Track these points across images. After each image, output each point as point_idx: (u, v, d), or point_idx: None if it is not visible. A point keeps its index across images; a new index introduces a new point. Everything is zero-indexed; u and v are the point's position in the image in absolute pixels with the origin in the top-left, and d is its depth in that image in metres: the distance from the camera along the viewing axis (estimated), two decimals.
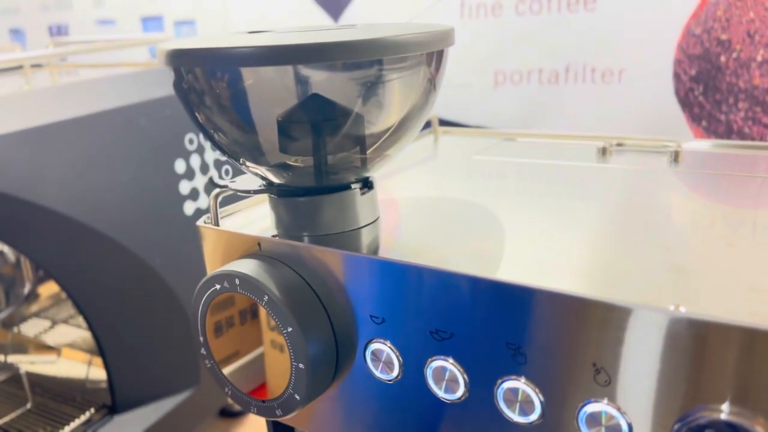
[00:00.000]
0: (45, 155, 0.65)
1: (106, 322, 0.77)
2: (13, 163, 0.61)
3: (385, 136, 0.40)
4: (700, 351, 0.28)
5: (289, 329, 0.37)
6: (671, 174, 0.51)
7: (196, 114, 0.39)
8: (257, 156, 0.40)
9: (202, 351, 0.43)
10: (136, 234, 0.75)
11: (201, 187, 0.84)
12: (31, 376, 0.92)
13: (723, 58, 0.85)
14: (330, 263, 0.38)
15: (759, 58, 0.82)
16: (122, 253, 0.74)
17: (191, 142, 0.82)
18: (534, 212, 0.44)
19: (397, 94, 0.40)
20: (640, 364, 0.29)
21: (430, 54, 0.39)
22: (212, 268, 0.46)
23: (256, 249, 0.42)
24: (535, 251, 0.37)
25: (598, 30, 0.93)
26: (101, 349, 0.77)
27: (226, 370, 0.43)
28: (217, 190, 0.44)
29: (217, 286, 0.40)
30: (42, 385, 0.92)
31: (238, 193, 0.44)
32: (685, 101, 0.88)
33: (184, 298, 0.81)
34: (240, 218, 0.47)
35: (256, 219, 0.46)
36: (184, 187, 0.82)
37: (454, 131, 0.70)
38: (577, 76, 0.96)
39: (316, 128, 0.39)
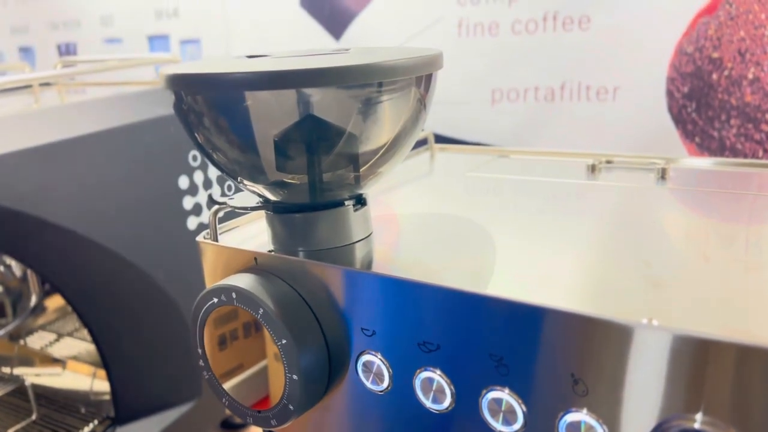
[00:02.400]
0: (52, 172, 0.67)
1: (110, 334, 0.78)
2: (21, 179, 0.63)
3: (377, 155, 0.42)
4: (674, 362, 0.29)
5: (284, 341, 0.39)
6: (658, 191, 0.52)
7: (196, 135, 0.41)
8: (254, 174, 0.41)
9: (201, 362, 0.45)
10: (140, 248, 0.77)
11: (204, 203, 0.86)
12: (36, 388, 0.94)
13: (715, 76, 0.86)
14: (323, 277, 0.40)
15: (750, 76, 0.84)
16: (126, 267, 0.76)
17: (194, 158, 0.84)
18: (523, 228, 0.46)
19: (389, 114, 0.41)
20: (616, 375, 0.31)
21: (419, 77, 0.41)
22: (211, 282, 0.47)
23: (253, 264, 0.43)
24: (521, 266, 0.38)
25: (593, 48, 0.95)
26: (105, 361, 0.79)
27: (230, 383, 0.45)
28: (216, 206, 0.46)
29: (215, 300, 0.42)
30: (47, 396, 0.93)
31: (236, 210, 0.46)
32: (679, 118, 0.90)
33: (186, 311, 0.83)
34: (238, 234, 0.48)
35: (254, 234, 0.48)
36: (188, 202, 0.84)
37: (449, 148, 0.72)
38: (573, 94, 0.98)
39: (311, 148, 0.40)
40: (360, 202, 0.45)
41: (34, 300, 0.94)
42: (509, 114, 1.03)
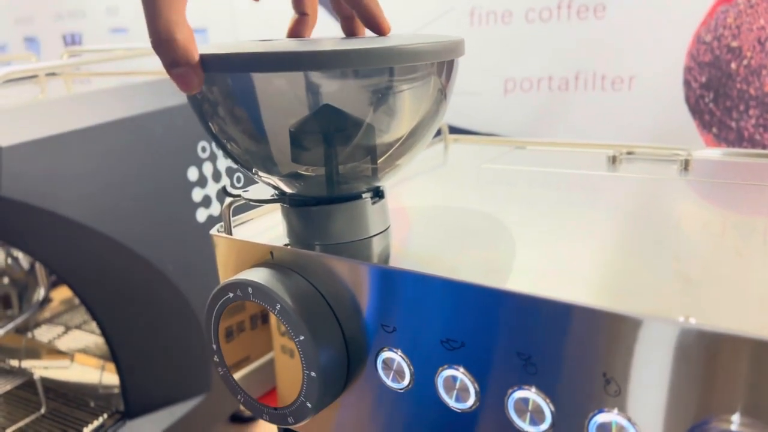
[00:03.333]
0: (60, 163, 0.66)
1: (119, 328, 0.77)
2: (29, 172, 0.62)
3: (396, 146, 0.41)
4: (710, 362, 0.28)
5: (301, 338, 0.38)
6: (682, 183, 0.51)
7: (210, 124, 0.40)
8: (269, 166, 0.40)
9: (215, 358, 0.44)
10: (149, 241, 0.76)
11: (213, 195, 0.85)
12: (44, 381, 0.93)
13: (733, 65, 0.85)
14: (342, 272, 0.39)
15: None
16: (135, 260, 0.75)
17: (204, 150, 0.83)
18: (544, 221, 0.44)
19: (408, 103, 0.40)
20: (650, 375, 0.30)
21: (441, 64, 0.40)
22: (225, 276, 0.46)
23: (268, 258, 0.42)
24: (544, 261, 0.37)
25: (608, 37, 0.93)
26: (114, 354, 0.78)
27: (237, 375, 0.44)
28: (230, 199, 0.45)
29: (231, 295, 0.41)
30: (56, 390, 0.92)
31: (251, 203, 0.45)
32: (696, 108, 0.88)
33: (195, 304, 0.82)
34: (253, 227, 0.47)
35: (269, 227, 0.46)
36: (197, 194, 0.82)
37: (464, 139, 0.71)
38: (587, 84, 0.96)
39: (328, 138, 0.39)
40: (378, 194, 0.43)
41: (42, 293, 0.94)
42: (522, 104, 1.02)
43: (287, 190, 0.42)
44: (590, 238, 0.41)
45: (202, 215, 0.83)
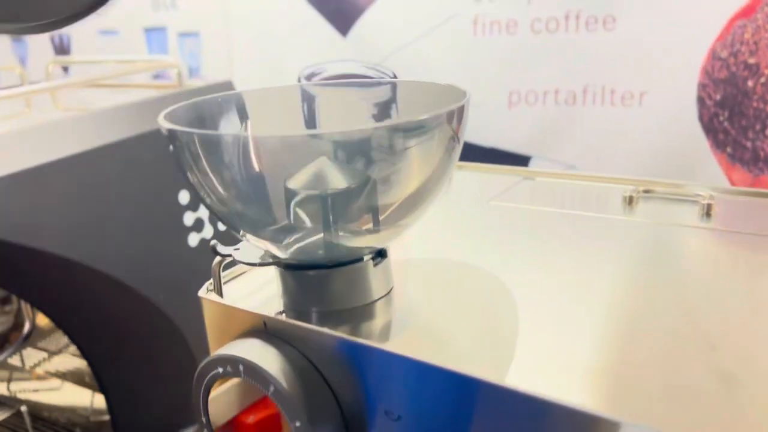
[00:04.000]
0: (41, 197, 0.62)
1: (109, 361, 0.74)
2: (8, 208, 0.59)
3: (403, 205, 0.37)
4: None
5: (297, 424, 0.35)
6: (705, 234, 0.47)
7: (190, 177, 0.36)
8: (259, 229, 0.37)
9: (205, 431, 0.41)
10: (139, 270, 0.72)
11: (206, 218, 0.82)
12: (33, 410, 0.90)
13: (750, 83, 0.81)
14: (342, 351, 0.35)
15: None
16: (124, 291, 0.71)
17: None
18: (551, 282, 0.41)
19: (417, 160, 0.37)
20: None
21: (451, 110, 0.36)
22: (214, 340, 0.43)
23: (261, 326, 0.39)
24: (546, 343, 0.34)
25: (618, 50, 0.89)
26: (103, 387, 0.75)
27: None
28: (219, 258, 0.42)
29: (220, 370, 0.38)
30: (44, 419, 0.89)
31: (243, 264, 0.41)
32: (710, 127, 0.85)
33: (188, 333, 0.79)
34: (246, 283, 0.44)
35: (264, 283, 0.43)
36: (188, 218, 0.79)
37: (466, 166, 0.67)
38: (596, 98, 0.92)
39: (326, 201, 0.36)
40: (380, 254, 0.40)
41: (27, 326, 0.90)
42: (527, 118, 0.98)
43: (281, 256, 0.38)
44: (598, 305, 0.37)
45: (194, 240, 0.80)
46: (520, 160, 1.00)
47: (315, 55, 1.15)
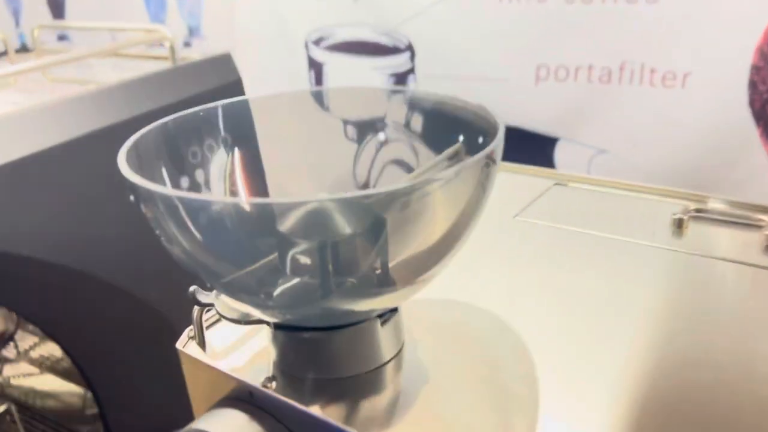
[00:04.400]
0: (20, 195, 0.56)
1: (99, 365, 0.70)
2: None
3: (424, 256, 0.31)
4: None
5: None
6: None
7: (163, 238, 0.30)
8: (244, 297, 0.31)
9: None
10: (128, 268, 0.67)
11: None
12: (23, 413, 0.86)
13: None
14: None
15: None
16: (114, 292, 0.66)
17: (194, 155, 0.73)
18: (577, 331, 0.36)
19: (441, 204, 0.30)
20: None
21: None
22: (195, 392, 0.38)
23: (247, 395, 0.33)
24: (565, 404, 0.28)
25: (662, 25, 0.80)
26: (93, 389, 0.71)
27: None
28: (200, 308, 0.36)
29: None
30: (37, 420, 0.86)
31: (228, 320, 0.35)
32: (761, 114, 0.76)
33: (181, 331, 0.74)
34: (233, 330, 0.38)
35: (254, 329, 0.37)
36: None
37: None
38: (634, 77, 0.84)
39: (324, 255, 0.29)
40: (391, 309, 0.34)
41: (11, 327, 0.86)
42: (556, 95, 0.90)
43: (268, 320, 0.32)
44: (631, 368, 0.31)
45: None
46: (546, 141, 0.92)
47: (324, 18, 1.07)
